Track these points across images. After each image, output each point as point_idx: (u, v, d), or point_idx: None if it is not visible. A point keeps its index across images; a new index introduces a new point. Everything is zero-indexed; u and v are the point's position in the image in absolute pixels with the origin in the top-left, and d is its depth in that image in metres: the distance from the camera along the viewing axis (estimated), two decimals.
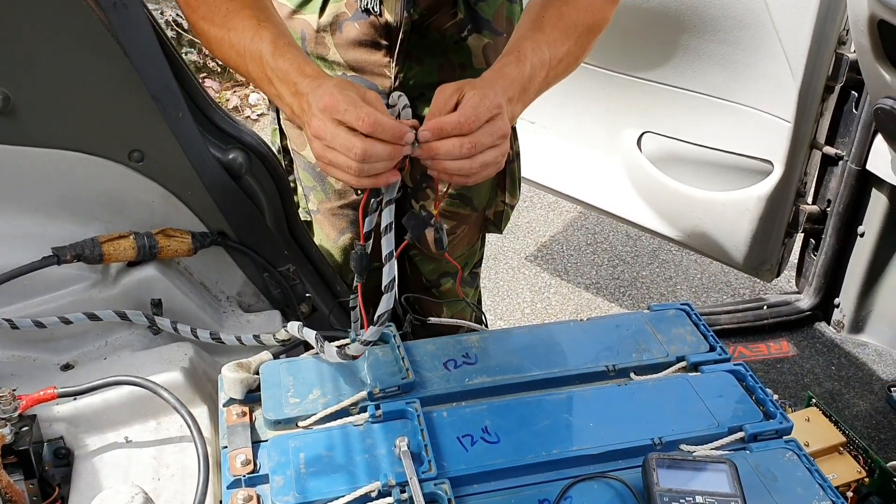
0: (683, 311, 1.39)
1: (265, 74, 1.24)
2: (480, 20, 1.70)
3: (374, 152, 1.10)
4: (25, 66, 1.26)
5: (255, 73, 1.26)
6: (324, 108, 1.11)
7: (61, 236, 1.38)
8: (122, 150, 1.36)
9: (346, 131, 1.09)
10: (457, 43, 1.70)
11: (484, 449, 1.11)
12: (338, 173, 1.13)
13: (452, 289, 2.03)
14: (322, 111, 1.11)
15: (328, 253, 1.92)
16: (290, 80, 1.20)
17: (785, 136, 2.31)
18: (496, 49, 1.72)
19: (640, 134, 2.62)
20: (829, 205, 2.52)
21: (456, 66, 1.72)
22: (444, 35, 1.68)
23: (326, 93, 1.11)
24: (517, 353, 1.28)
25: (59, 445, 1.25)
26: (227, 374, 1.20)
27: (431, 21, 1.65)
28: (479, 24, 1.70)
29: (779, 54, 2.21)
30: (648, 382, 1.24)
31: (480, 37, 1.70)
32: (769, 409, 1.19)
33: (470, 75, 1.69)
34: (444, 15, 1.66)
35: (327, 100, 1.10)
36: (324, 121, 1.11)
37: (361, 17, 1.64)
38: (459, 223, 1.91)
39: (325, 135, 1.11)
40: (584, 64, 2.55)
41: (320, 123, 1.11)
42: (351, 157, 1.09)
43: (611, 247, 3.69)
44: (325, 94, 1.11)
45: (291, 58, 1.22)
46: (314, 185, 1.88)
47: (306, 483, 1.04)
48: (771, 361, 2.54)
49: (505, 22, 1.73)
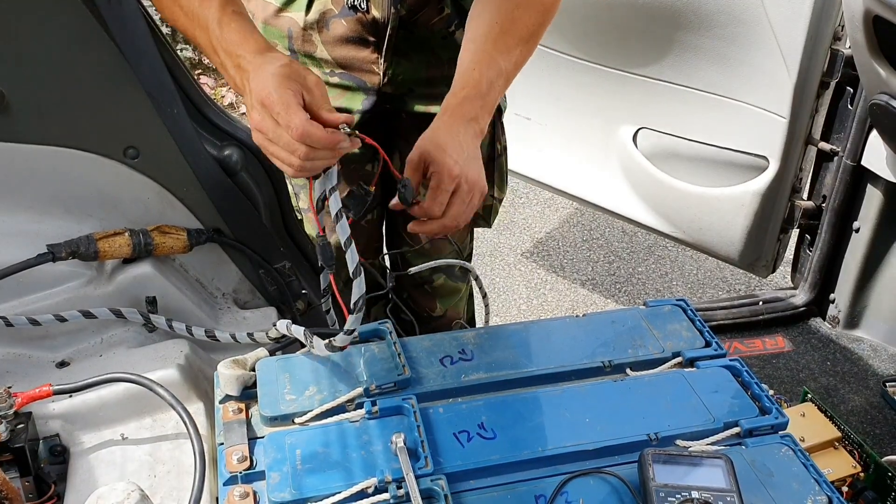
0: (679, 306, 1.39)
1: (210, 43, 1.20)
2: (467, 15, 1.70)
3: (315, 155, 1.09)
4: (19, 63, 1.25)
5: (201, 40, 1.22)
6: (262, 103, 1.08)
7: (56, 233, 1.38)
8: (117, 147, 1.36)
9: (283, 132, 1.08)
10: (444, 38, 1.70)
11: (480, 445, 1.11)
12: (279, 164, 1.13)
13: (445, 284, 2.04)
14: (261, 105, 1.09)
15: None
16: (233, 52, 1.17)
17: (780, 131, 2.31)
18: None
19: (636, 130, 2.62)
20: (825, 200, 2.52)
21: (444, 62, 1.73)
22: (431, 30, 1.68)
23: (264, 87, 1.08)
24: (513, 350, 1.28)
25: (55, 443, 1.25)
26: (224, 371, 1.19)
27: (418, 17, 1.66)
28: (466, 18, 1.70)
29: (774, 50, 2.21)
30: (644, 378, 1.24)
31: None
32: (765, 405, 1.19)
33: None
34: (431, 10, 1.66)
35: (264, 96, 1.08)
36: (264, 117, 1.09)
37: (348, 14, 1.64)
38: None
39: (267, 132, 1.09)
40: (579, 60, 2.58)
41: (260, 118, 1.09)
42: (295, 156, 1.09)
43: (607, 243, 3.69)
44: (262, 87, 1.08)
45: (237, 27, 1.18)
46: (304, 184, 1.89)
47: (303, 479, 1.04)
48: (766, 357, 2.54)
49: None
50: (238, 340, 1.43)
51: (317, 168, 1.13)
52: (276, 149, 1.10)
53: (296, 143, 1.07)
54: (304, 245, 1.63)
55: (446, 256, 1.93)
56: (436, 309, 2.07)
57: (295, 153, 1.08)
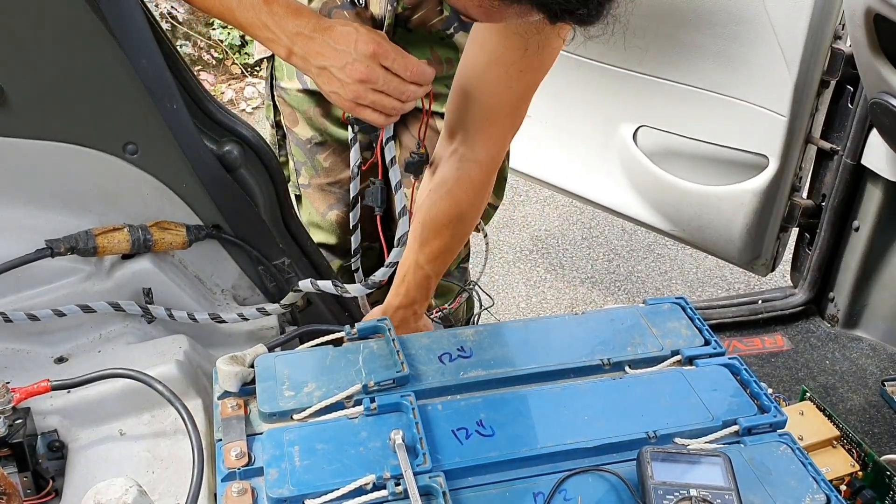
0: (678, 305, 1.39)
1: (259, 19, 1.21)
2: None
3: (417, 95, 1.22)
4: (18, 58, 1.25)
5: (244, 18, 1.23)
6: (373, 54, 1.17)
7: (55, 229, 1.38)
8: (117, 143, 1.35)
9: (394, 76, 1.19)
10: (443, 39, 1.71)
11: (478, 442, 1.11)
12: (372, 115, 1.22)
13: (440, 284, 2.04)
14: (370, 57, 1.17)
15: (316, 227, 1.97)
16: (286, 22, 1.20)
17: (780, 130, 2.31)
18: None
19: (636, 128, 2.62)
20: (824, 199, 2.52)
21: (443, 62, 1.74)
22: (430, 31, 1.69)
23: (371, 40, 1.18)
24: (512, 347, 1.28)
25: (53, 438, 1.25)
26: (222, 367, 1.19)
27: (417, 16, 1.66)
28: (466, 22, 1.70)
29: (774, 49, 2.21)
30: (643, 376, 1.24)
31: (467, 34, 1.70)
32: (763, 403, 1.19)
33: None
34: (429, 11, 1.68)
35: (375, 47, 1.17)
36: (374, 67, 1.17)
37: (348, 8, 1.65)
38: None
39: (377, 80, 1.18)
40: (579, 58, 2.57)
41: (370, 71, 1.17)
42: (400, 100, 1.21)
43: (606, 241, 3.69)
44: (369, 40, 1.18)
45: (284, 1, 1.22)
46: (305, 160, 1.92)
47: (301, 476, 1.04)
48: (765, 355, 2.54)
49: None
50: (246, 317, 1.44)
51: (408, 110, 1.24)
52: (381, 97, 1.20)
53: (405, 85, 1.19)
54: (303, 241, 1.63)
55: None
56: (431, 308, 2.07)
57: (402, 95, 1.20)
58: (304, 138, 1.89)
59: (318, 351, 1.27)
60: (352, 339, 1.29)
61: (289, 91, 1.85)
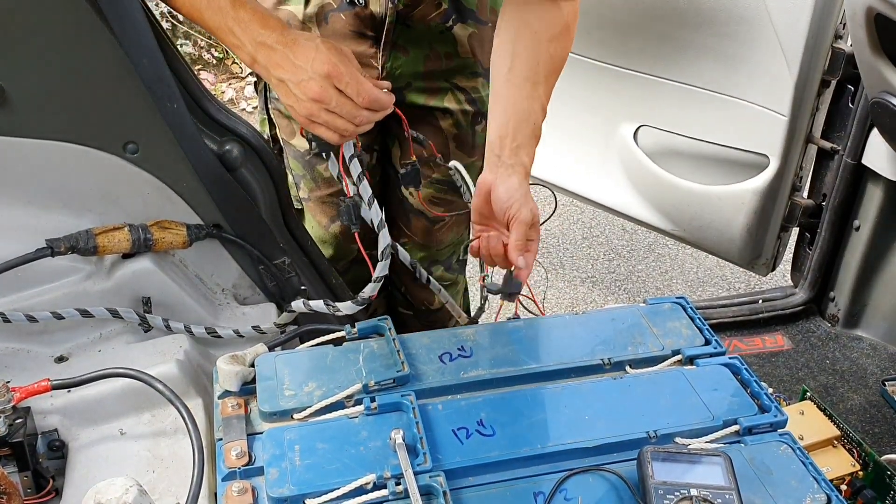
0: (679, 304, 1.39)
1: (225, 24, 1.23)
2: (465, 10, 1.72)
3: (371, 119, 1.22)
4: (19, 57, 1.25)
5: (212, 21, 1.25)
6: (326, 74, 1.17)
7: (55, 228, 1.38)
8: (117, 142, 1.35)
9: (347, 99, 1.19)
10: (442, 33, 1.71)
11: (479, 441, 1.11)
12: (326, 133, 1.23)
13: (443, 276, 2.06)
14: (324, 77, 1.17)
15: (320, 240, 1.94)
16: (254, 30, 1.22)
17: (781, 130, 2.31)
18: (481, 38, 1.75)
19: (637, 127, 2.61)
20: (825, 199, 2.52)
21: (442, 56, 1.74)
22: (429, 25, 1.69)
23: (326, 60, 1.17)
24: (512, 346, 1.28)
25: (53, 437, 1.25)
26: (223, 367, 1.19)
27: (416, 11, 1.66)
28: (464, 13, 1.72)
29: (775, 48, 2.21)
30: (644, 376, 1.24)
31: (465, 26, 1.72)
32: (764, 403, 1.19)
33: (456, 64, 1.76)
34: (428, 5, 1.68)
35: (330, 68, 1.17)
36: (327, 88, 1.18)
37: (347, 9, 1.65)
38: (447, 209, 1.94)
39: (329, 101, 1.18)
40: (581, 57, 2.57)
41: (321, 89, 1.18)
42: (353, 123, 1.21)
43: (607, 240, 3.69)
44: (324, 60, 1.17)
45: (252, 8, 1.23)
46: (304, 173, 1.89)
47: (301, 475, 1.04)
48: (766, 355, 2.54)
49: (489, 11, 1.75)
50: (242, 335, 1.43)
51: (362, 132, 1.25)
52: (333, 117, 1.20)
53: (357, 109, 1.20)
54: (303, 241, 1.63)
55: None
56: (434, 302, 2.07)
57: (355, 119, 1.21)
58: (302, 150, 1.87)
59: (318, 350, 1.27)
60: (352, 339, 1.29)
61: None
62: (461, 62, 1.76)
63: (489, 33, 1.74)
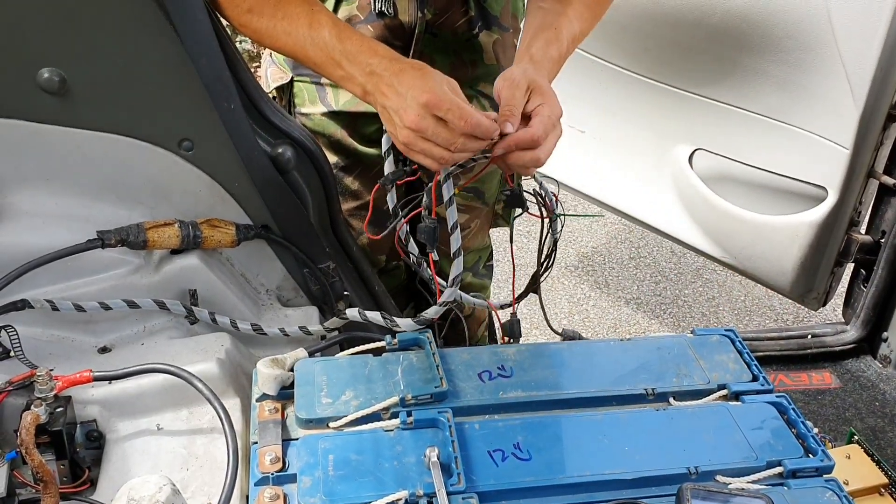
0: (728, 337, 1.36)
1: (331, 57, 1.27)
2: (489, 16, 1.73)
3: (470, 147, 1.22)
4: (82, 50, 1.27)
5: (316, 57, 1.30)
6: (425, 103, 1.18)
7: (106, 220, 1.39)
8: (173, 138, 1.36)
9: (445, 127, 1.19)
10: (468, 41, 1.72)
11: (514, 465, 1.09)
12: (425, 160, 1.24)
13: (472, 282, 2.06)
14: (423, 106, 1.18)
15: None
16: (363, 60, 1.25)
17: (842, 163, 2.25)
18: (504, 45, 1.77)
19: (693, 151, 2.58)
20: (883, 236, 2.45)
21: (468, 64, 1.74)
22: (455, 33, 1.70)
23: (428, 89, 1.18)
24: (554, 369, 1.26)
25: (92, 428, 1.26)
26: (262, 370, 1.19)
27: (444, 20, 1.67)
28: (489, 20, 1.73)
29: (841, 79, 2.16)
30: (687, 409, 1.21)
31: (490, 33, 1.74)
32: (810, 445, 1.15)
33: (481, 72, 1.76)
34: (455, 13, 1.68)
35: (429, 97, 1.18)
36: (424, 116, 1.18)
37: (375, 20, 1.64)
38: (473, 217, 1.94)
39: (426, 129, 1.19)
40: (640, 76, 2.54)
41: (420, 119, 1.19)
42: (449, 150, 1.20)
43: (654, 262, 3.64)
44: (426, 89, 1.18)
45: (358, 39, 1.27)
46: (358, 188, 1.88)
47: (334, 486, 1.04)
48: (812, 392, 2.47)
49: (511, 18, 1.77)
50: (288, 334, 1.44)
51: (460, 160, 1.26)
52: (430, 146, 1.21)
53: (454, 136, 1.19)
54: (349, 247, 1.63)
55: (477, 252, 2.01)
56: (463, 308, 2.06)
57: (452, 146, 1.20)
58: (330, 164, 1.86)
59: (357, 359, 1.26)
60: (392, 350, 1.28)
61: (312, 116, 1.78)
62: (486, 69, 1.76)
63: (511, 39, 1.79)
